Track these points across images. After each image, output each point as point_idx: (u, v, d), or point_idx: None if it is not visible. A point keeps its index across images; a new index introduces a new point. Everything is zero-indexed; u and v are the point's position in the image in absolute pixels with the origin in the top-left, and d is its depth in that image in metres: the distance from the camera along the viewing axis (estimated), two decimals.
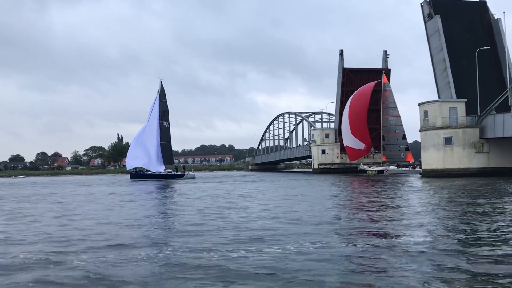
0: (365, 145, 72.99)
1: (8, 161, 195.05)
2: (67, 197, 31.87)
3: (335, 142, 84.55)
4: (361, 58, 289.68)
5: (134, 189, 42.10)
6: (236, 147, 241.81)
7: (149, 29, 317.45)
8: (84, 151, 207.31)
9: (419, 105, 53.99)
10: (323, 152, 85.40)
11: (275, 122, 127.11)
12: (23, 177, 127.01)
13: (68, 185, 56.16)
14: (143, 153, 67.87)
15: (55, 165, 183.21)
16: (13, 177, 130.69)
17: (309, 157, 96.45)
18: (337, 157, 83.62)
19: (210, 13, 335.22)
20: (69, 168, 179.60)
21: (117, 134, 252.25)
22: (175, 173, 69.97)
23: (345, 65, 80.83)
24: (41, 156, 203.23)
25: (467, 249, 10.01)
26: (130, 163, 69.25)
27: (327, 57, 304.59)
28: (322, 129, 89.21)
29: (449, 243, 10.81)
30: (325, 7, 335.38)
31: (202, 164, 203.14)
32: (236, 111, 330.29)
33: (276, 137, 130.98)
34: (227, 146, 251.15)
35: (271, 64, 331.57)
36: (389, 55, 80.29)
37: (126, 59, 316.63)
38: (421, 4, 59.43)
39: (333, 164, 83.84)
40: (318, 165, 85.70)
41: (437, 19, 56.40)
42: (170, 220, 17.11)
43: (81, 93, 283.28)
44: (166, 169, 69.24)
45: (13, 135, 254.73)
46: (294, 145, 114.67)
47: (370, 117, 73.77)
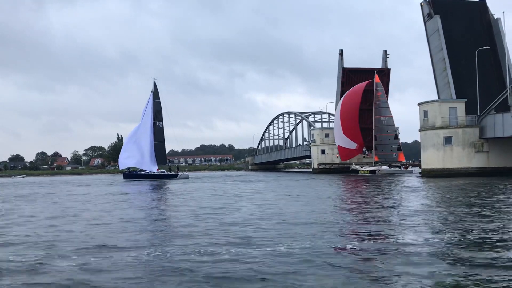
0: (357, 144, 72.67)
1: (8, 161, 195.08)
2: (56, 198, 31.69)
3: (335, 142, 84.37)
4: (360, 58, 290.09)
5: (127, 189, 41.71)
6: (236, 147, 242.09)
7: (148, 29, 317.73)
8: (84, 151, 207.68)
9: (419, 105, 53.91)
10: (323, 152, 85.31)
11: (275, 122, 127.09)
12: (23, 177, 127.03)
13: (61, 185, 55.98)
14: (136, 153, 67.48)
15: (55, 165, 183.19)
16: (13, 177, 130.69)
17: (309, 157, 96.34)
18: (337, 157, 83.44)
19: (209, 13, 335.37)
20: (69, 168, 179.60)
21: (117, 134, 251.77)
22: (168, 173, 69.62)
23: (344, 65, 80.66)
24: (41, 156, 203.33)
25: (463, 252, 9.85)
26: (123, 162, 68.81)
27: (326, 57, 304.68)
28: (321, 129, 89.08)
29: (444, 244, 10.65)
30: (324, 7, 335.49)
31: (202, 164, 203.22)
32: (235, 111, 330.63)
33: (276, 137, 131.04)
34: (226, 146, 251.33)
35: (270, 63, 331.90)
36: (388, 55, 79.86)
37: (125, 59, 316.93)
38: (420, 4, 59.32)
39: (333, 164, 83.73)
40: (318, 165, 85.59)
41: (437, 19, 56.33)
42: (159, 221, 16.80)
43: (80, 93, 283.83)
44: (159, 169, 68.85)
45: (13, 135, 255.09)
46: (294, 145, 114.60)
47: (362, 117, 73.59)
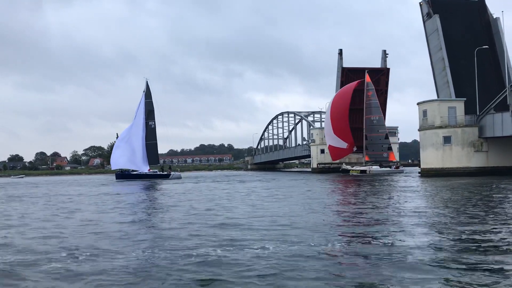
0: (347, 144, 72.53)
1: (7, 161, 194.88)
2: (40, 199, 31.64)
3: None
4: (358, 57, 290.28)
5: (118, 189, 41.56)
6: (235, 147, 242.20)
7: (145, 28, 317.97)
8: (83, 150, 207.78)
9: (418, 104, 53.93)
10: (322, 151, 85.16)
11: (274, 121, 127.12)
12: (22, 177, 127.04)
13: (55, 186, 55.91)
14: (128, 153, 67.19)
15: (54, 165, 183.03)
16: (12, 177, 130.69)
17: (308, 156, 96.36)
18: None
19: (206, 12, 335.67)
20: (68, 168, 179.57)
21: (116, 134, 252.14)
22: (161, 173, 69.36)
23: (343, 65, 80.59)
24: (40, 156, 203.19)
25: (459, 253, 9.80)
26: (115, 162, 68.38)
27: (324, 56, 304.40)
28: (321, 128, 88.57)
29: (438, 245, 10.59)
30: (322, 7, 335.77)
31: (201, 163, 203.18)
32: (234, 110, 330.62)
33: (275, 137, 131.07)
34: (226, 145, 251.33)
35: (268, 63, 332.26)
36: (388, 54, 79.78)
37: (122, 59, 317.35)
38: (420, 3, 59.31)
39: (332, 163, 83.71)
40: (317, 164, 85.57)
41: (436, 18, 56.36)
42: (144, 223, 16.49)
43: (78, 93, 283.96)
44: (150, 170, 68.57)
45: (12, 135, 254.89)
46: (293, 145, 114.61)
47: (353, 117, 73.44)
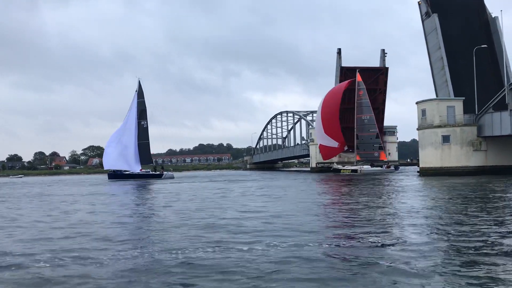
0: (338, 143, 72.44)
1: (5, 161, 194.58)
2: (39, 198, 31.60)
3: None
4: (356, 56, 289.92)
5: (109, 189, 41.62)
6: (234, 146, 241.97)
7: (142, 28, 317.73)
8: (82, 150, 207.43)
9: (417, 103, 53.94)
10: None
11: (273, 121, 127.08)
12: (21, 177, 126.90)
13: (50, 186, 55.86)
14: (121, 153, 67.06)
15: (53, 164, 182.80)
16: (11, 176, 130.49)
17: (307, 155, 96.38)
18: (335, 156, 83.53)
19: (203, 11, 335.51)
20: (67, 167, 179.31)
21: None
22: (153, 173, 69.30)
23: (342, 64, 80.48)
24: (39, 155, 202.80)
25: (457, 253, 9.76)
26: (107, 162, 68.18)
27: (322, 55, 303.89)
28: None
29: (435, 244, 10.55)
30: (320, 6, 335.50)
31: (200, 163, 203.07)
32: (232, 110, 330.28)
33: (274, 136, 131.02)
34: (225, 145, 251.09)
35: (265, 62, 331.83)
36: (386, 53, 79.69)
37: (120, 58, 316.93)
38: (418, 2, 59.30)
39: (331, 162, 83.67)
40: (316, 163, 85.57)
41: (435, 18, 56.37)
42: (138, 222, 16.55)
43: (76, 92, 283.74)
44: (142, 169, 68.46)
45: (11, 135, 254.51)
46: (292, 144, 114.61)
47: (344, 116, 73.34)
